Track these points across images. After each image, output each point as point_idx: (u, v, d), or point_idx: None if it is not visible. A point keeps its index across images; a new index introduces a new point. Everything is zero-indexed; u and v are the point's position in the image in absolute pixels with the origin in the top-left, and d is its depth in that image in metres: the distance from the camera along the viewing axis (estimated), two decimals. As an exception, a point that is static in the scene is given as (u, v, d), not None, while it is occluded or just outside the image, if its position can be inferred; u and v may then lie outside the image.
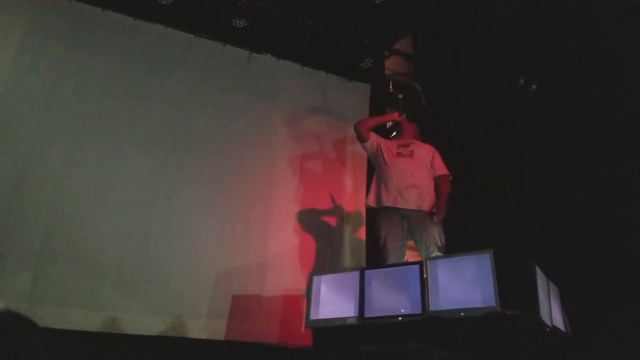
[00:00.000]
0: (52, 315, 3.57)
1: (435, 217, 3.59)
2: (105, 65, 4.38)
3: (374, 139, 3.97)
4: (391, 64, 5.32)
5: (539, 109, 3.93)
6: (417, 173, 3.77)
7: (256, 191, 4.62)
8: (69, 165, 4.02)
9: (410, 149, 3.88)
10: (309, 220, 4.73)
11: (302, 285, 4.18)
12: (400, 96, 4.71)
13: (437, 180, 3.84)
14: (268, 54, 5.07)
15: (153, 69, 4.54)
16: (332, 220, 4.79)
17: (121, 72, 4.42)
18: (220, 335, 4.08)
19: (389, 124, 4.80)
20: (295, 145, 4.93)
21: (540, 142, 3.88)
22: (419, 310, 2.73)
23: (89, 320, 3.71)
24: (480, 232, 3.74)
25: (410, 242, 3.69)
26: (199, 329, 4.04)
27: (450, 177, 3.88)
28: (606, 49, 3.55)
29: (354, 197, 4.97)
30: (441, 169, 3.90)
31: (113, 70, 4.40)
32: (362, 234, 4.78)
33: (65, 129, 4.10)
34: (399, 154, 3.86)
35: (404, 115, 4.17)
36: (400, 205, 3.64)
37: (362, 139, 3.97)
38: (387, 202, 3.67)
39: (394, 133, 4.52)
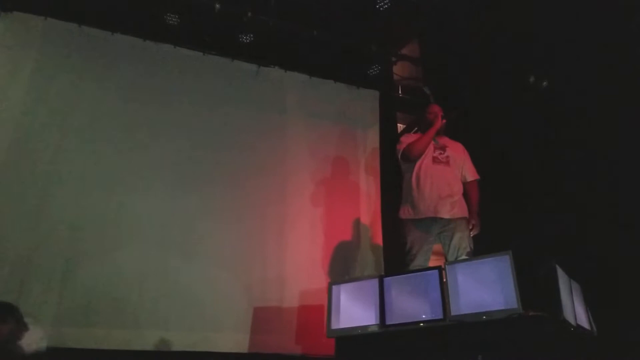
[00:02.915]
0: (78, 335, 3.64)
1: (472, 231, 3.55)
2: (117, 87, 4.45)
3: (409, 138, 3.81)
4: (399, 69, 5.33)
5: (553, 106, 3.89)
6: (453, 182, 3.66)
7: (271, 203, 4.63)
8: (85, 188, 4.09)
9: (446, 154, 3.72)
10: (324, 229, 4.73)
11: (322, 295, 4.17)
12: (426, 90, 4.59)
13: (467, 186, 3.75)
14: (276, 67, 5.10)
15: (163, 88, 4.60)
16: (347, 229, 4.78)
17: (133, 92, 4.49)
18: (243, 348, 4.11)
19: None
20: (308, 155, 4.94)
21: (555, 140, 3.85)
22: (440, 316, 2.72)
23: (113, 339, 3.77)
24: (495, 234, 3.71)
25: (436, 246, 3.66)
26: (222, 343, 4.06)
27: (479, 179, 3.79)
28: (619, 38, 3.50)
29: (369, 204, 4.96)
30: (472, 174, 3.80)
31: (125, 91, 4.47)
32: (378, 240, 4.77)
33: (80, 152, 4.18)
34: (435, 160, 3.69)
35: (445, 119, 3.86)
36: (435, 215, 3.56)
37: (415, 160, 3.72)
38: (423, 213, 3.57)
39: (416, 128, 4.41)
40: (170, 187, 4.34)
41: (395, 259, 4.13)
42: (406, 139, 3.84)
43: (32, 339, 2.93)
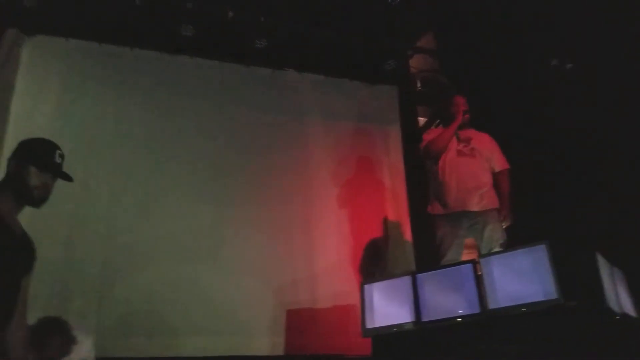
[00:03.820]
0: (117, 345, 3.72)
1: (504, 222, 3.50)
2: (140, 101, 4.52)
3: (433, 133, 3.79)
4: (416, 62, 5.27)
5: (583, 90, 3.79)
6: (480, 173, 3.61)
7: (295, 206, 4.64)
8: (116, 203, 4.17)
9: (471, 146, 3.67)
10: (352, 229, 4.71)
11: (353, 294, 4.17)
12: (444, 80, 4.49)
13: (497, 176, 3.69)
14: (291, 69, 5.11)
15: (183, 99, 4.65)
16: (375, 227, 4.76)
17: (155, 105, 4.56)
18: (279, 351, 4.14)
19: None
20: (329, 157, 4.93)
21: (585, 127, 3.75)
22: (477, 310, 2.70)
23: (151, 347, 3.84)
24: (530, 224, 3.64)
25: (468, 240, 3.62)
26: (257, 347, 4.11)
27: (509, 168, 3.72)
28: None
29: (395, 201, 4.92)
30: (500, 164, 3.74)
31: (147, 104, 4.54)
32: (407, 236, 4.73)
33: (108, 167, 4.26)
34: (459, 153, 3.65)
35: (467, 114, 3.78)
36: (464, 208, 3.53)
37: (437, 157, 3.70)
38: (451, 208, 3.54)
39: (438, 121, 4.36)
40: (196, 197, 4.38)
41: (426, 254, 4.09)
42: (428, 136, 3.81)
43: (81, 352, 3.00)
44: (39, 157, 1.94)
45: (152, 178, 4.33)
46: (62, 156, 2.02)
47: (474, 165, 3.63)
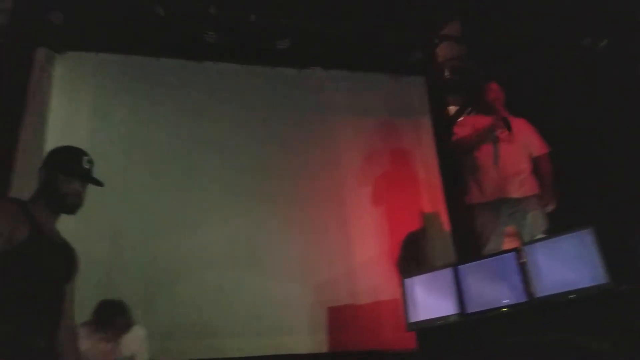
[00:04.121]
0: (163, 348, 3.81)
1: (548, 207, 3.42)
2: (169, 109, 4.61)
3: (464, 132, 3.70)
4: (442, 51, 5.19)
5: (621, 68, 3.65)
6: (519, 159, 3.54)
7: (329, 204, 4.65)
8: (153, 208, 4.27)
9: (508, 131, 3.59)
10: (388, 224, 4.69)
11: (394, 289, 4.16)
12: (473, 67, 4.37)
13: (536, 161, 3.61)
14: (316, 68, 5.10)
15: (211, 104, 4.72)
16: (412, 221, 4.72)
17: (184, 112, 4.62)
18: (322, 348, 4.17)
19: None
20: (360, 153, 4.91)
21: (626, 106, 3.62)
22: (523, 299, 2.66)
23: (196, 349, 3.93)
24: (573, 208, 3.53)
25: (508, 228, 3.55)
26: (302, 345, 4.15)
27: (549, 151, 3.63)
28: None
29: (431, 193, 4.87)
30: (539, 148, 3.65)
31: (177, 112, 4.61)
32: (445, 227, 4.67)
33: (144, 178, 4.36)
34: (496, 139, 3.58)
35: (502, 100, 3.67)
36: (504, 195, 3.46)
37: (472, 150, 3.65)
38: (490, 196, 3.48)
39: (469, 109, 4.28)
40: (231, 201, 4.44)
41: (466, 245, 4.04)
42: (460, 129, 3.74)
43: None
44: (67, 165, 1.96)
45: (186, 185, 4.40)
46: (90, 162, 2.03)
47: (513, 151, 3.55)
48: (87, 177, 1.99)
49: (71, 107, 4.40)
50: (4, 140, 3.90)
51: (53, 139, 4.16)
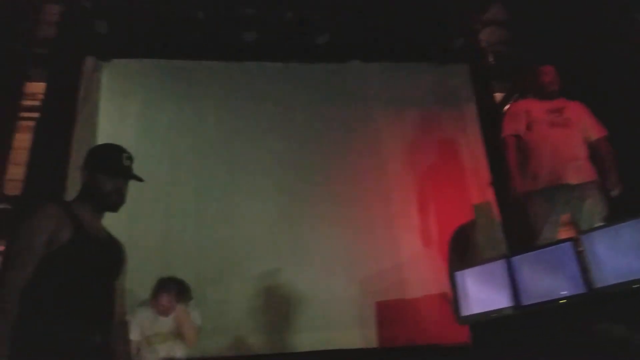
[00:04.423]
0: (211, 346, 3.90)
1: (614, 191, 3.26)
2: (213, 111, 4.70)
3: (521, 127, 3.52)
4: (486, 36, 5.03)
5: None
6: (575, 143, 3.38)
7: (374, 197, 4.61)
8: (201, 207, 4.39)
9: (564, 116, 3.43)
10: (434, 215, 4.61)
11: (443, 282, 4.08)
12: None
13: (596, 145, 3.45)
14: (356, 61, 5.04)
15: (253, 103, 4.76)
16: (459, 211, 4.60)
17: (228, 112, 4.71)
18: (372, 344, 4.14)
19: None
20: (404, 144, 4.84)
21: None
22: (582, 290, 2.55)
23: (245, 346, 4.01)
24: (627, 196, 3.35)
25: (563, 217, 3.39)
26: (351, 340, 4.12)
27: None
28: None
29: (479, 183, 4.74)
30: (597, 131, 3.47)
31: (221, 112, 4.70)
32: (495, 218, 4.52)
33: (191, 177, 4.47)
34: (552, 124, 3.42)
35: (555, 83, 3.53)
36: (560, 182, 3.31)
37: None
38: (545, 183, 3.33)
39: (517, 95, 4.12)
40: (276, 198, 4.48)
41: (518, 236, 3.90)
42: (510, 122, 3.60)
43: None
44: (107, 163, 1.97)
45: (232, 183, 4.48)
46: (130, 158, 2.02)
47: (569, 136, 3.39)
48: (128, 175, 2.00)
49: (119, 113, 4.56)
50: (58, 147, 4.07)
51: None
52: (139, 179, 2.01)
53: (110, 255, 1.98)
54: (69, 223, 1.83)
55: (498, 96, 5.14)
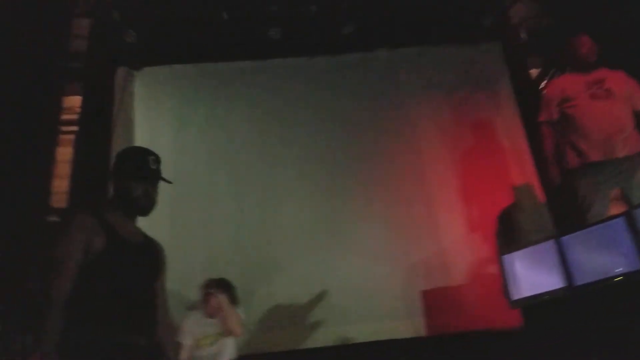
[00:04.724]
0: (261, 340, 3.98)
1: None
2: (244, 109, 4.75)
3: (554, 110, 3.40)
4: (517, 11, 4.86)
5: None
6: (620, 115, 3.23)
7: (413, 185, 4.56)
8: (242, 206, 4.44)
9: (606, 87, 3.27)
10: (476, 199, 4.52)
11: (490, 267, 4.02)
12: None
13: None
14: (383, 49, 4.96)
15: (283, 99, 4.78)
16: (501, 193, 4.49)
17: (260, 110, 4.75)
18: (422, 332, 4.12)
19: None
20: (440, 129, 4.75)
21: None
22: (638, 266, 2.43)
23: (294, 339, 4.06)
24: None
25: (613, 192, 3.26)
26: (399, 330, 4.11)
27: None
28: None
29: (520, 163, 4.61)
30: None
31: (253, 111, 4.75)
32: (539, 197, 4.39)
33: (229, 177, 4.54)
34: (593, 96, 3.28)
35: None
36: (607, 156, 3.18)
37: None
38: (591, 158, 3.20)
39: (554, 70, 3.97)
40: (316, 190, 4.51)
41: (566, 214, 3.77)
42: (544, 108, 3.47)
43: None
44: (134, 168, 1.94)
45: (269, 178, 4.53)
46: (157, 161, 1.99)
47: (612, 108, 3.23)
48: (157, 177, 1.97)
49: (154, 120, 4.67)
50: (96, 158, 4.17)
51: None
52: (167, 181, 1.98)
53: (148, 259, 1.98)
54: (102, 231, 1.83)
55: (534, 72, 4.97)
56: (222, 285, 3.34)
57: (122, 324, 1.80)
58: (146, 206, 1.95)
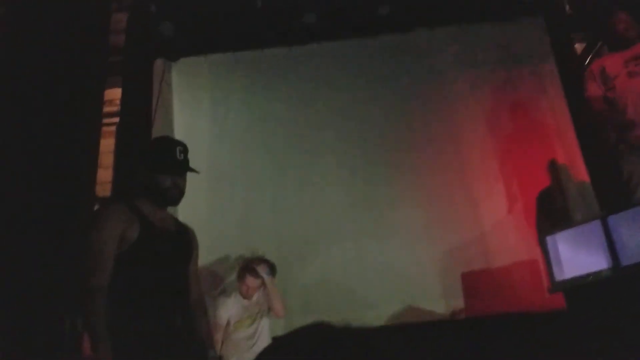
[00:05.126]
0: (302, 322, 3.93)
1: None
2: (282, 98, 4.77)
3: (594, 90, 3.30)
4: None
5: None
6: None
7: (452, 168, 4.49)
8: (277, 190, 4.52)
9: None
10: (517, 180, 4.41)
11: (531, 248, 3.94)
12: None
13: None
14: (420, 28, 4.85)
15: (321, 85, 4.78)
16: (543, 174, 4.36)
17: (296, 97, 4.77)
18: (461, 315, 4.09)
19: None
20: (481, 110, 4.62)
21: None
22: (688, 246, 2.32)
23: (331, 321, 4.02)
24: None
25: None
26: (437, 312, 4.11)
27: None
28: None
29: (563, 141, 4.44)
30: None
31: (290, 98, 4.77)
32: (584, 178, 4.24)
33: (267, 163, 4.61)
34: (630, 74, 3.15)
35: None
36: None
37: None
38: (634, 138, 3.09)
39: (599, 44, 3.79)
40: (353, 174, 4.51)
41: (611, 194, 3.63)
42: (589, 82, 3.33)
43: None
44: (162, 160, 1.98)
45: (307, 164, 4.57)
46: (184, 151, 2.01)
47: None
48: (184, 169, 2.01)
49: (192, 110, 4.78)
50: (138, 148, 4.28)
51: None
52: (195, 171, 2.01)
53: (180, 244, 2.05)
54: (136, 221, 1.91)
55: (580, 47, 4.74)
56: (266, 264, 3.34)
57: (159, 306, 1.87)
58: (175, 197, 2.01)
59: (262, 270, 3.22)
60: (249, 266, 3.27)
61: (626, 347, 2.38)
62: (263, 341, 3.24)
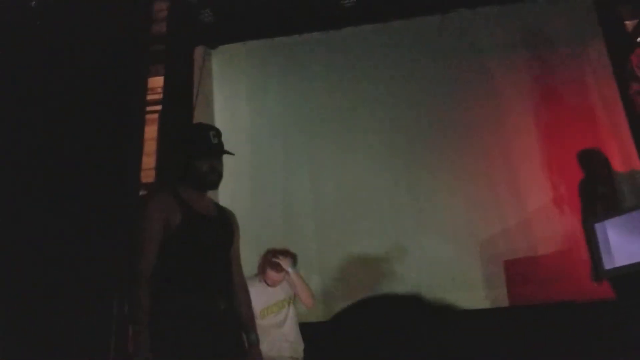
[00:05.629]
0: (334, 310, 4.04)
1: None
2: (319, 81, 4.78)
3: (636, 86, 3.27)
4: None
5: None
6: None
7: (493, 153, 4.41)
8: (316, 173, 4.55)
9: None
10: (563, 166, 4.24)
11: (575, 236, 3.81)
12: None
13: None
14: (461, 9, 4.73)
15: (358, 68, 4.75)
16: (590, 159, 4.20)
17: (334, 81, 4.75)
18: (503, 303, 4.03)
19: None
20: (524, 91, 4.48)
21: None
22: None
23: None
24: None
25: None
26: (479, 300, 4.06)
27: None
28: None
29: (612, 125, 4.25)
30: None
31: (328, 82, 4.75)
32: (635, 164, 4.04)
33: (303, 148, 4.64)
34: None
35: None
36: None
37: None
38: None
39: None
40: (393, 159, 4.49)
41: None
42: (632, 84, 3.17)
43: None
44: (196, 145, 2.01)
45: (349, 150, 4.55)
46: (217, 135, 2.04)
47: None
48: (219, 152, 2.03)
49: (231, 95, 4.84)
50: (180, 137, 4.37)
51: (221, 128, 4.59)
52: (230, 153, 2.04)
53: (222, 229, 2.07)
54: (178, 207, 1.94)
55: (630, 25, 4.51)
56: (290, 257, 3.35)
57: (203, 291, 1.92)
58: (214, 180, 2.03)
59: (285, 264, 3.22)
60: (270, 260, 3.27)
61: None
62: (292, 328, 3.25)
